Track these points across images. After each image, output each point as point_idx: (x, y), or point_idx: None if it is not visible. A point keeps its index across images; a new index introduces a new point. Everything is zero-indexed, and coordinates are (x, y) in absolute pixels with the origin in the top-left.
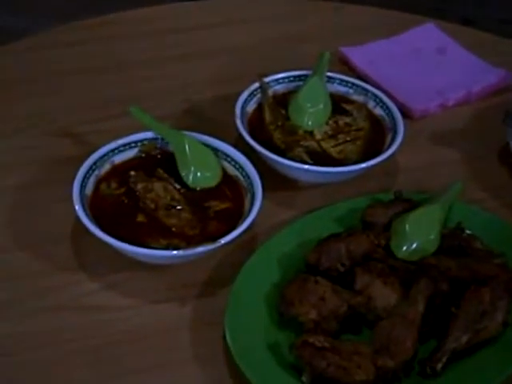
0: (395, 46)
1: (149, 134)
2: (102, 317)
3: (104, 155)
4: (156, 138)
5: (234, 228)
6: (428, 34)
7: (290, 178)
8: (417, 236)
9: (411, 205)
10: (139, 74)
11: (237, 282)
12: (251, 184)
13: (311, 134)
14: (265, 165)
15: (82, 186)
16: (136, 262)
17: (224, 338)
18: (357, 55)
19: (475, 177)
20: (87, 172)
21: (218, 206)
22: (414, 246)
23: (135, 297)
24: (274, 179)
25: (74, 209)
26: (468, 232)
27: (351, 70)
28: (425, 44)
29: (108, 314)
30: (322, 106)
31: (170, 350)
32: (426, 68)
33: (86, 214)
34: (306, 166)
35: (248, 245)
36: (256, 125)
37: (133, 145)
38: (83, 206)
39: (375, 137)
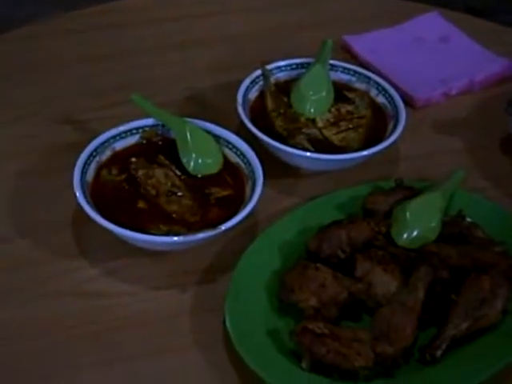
0: (398, 34)
1: (150, 121)
2: (103, 303)
3: (105, 141)
4: (157, 125)
5: (234, 215)
6: (431, 23)
7: (291, 166)
8: (417, 223)
9: (412, 192)
10: (140, 62)
11: (237, 269)
12: (252, 171)
13: (313, 121)
14: (266, 152)
15: (83, 173)
16: (137, 249)
17: (224, 324)
18: (359, 43)
19: (477, 166)
20: (88, 158)
21: (219, 192)
22: (415, 233)
23: (136, 283)
24: (275, 167)
25: (75, 196)
26: (469, 220)
27: (354, 59)
28: (428, 33)
29: (108, 300)
30: (324, 93)
31: (170, 336)
32: (429, 57)
33: (87, 201)
34: (308, 154)
35: (249, 232)
36: (258, 112)
37: (134, 131)
38: (84, 192)
39: (377, 125)
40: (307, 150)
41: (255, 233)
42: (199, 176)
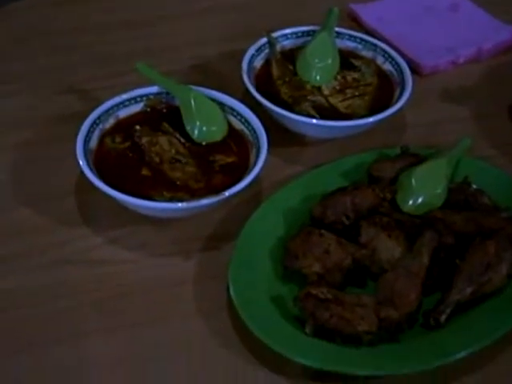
0: (406, 3)
1: (154, 89)
2: (106, 270)
3: (108, 109)
4: (161, 93)
5: (238, 181)
6: None
7: (296, 134)
8: (423, 190)
9: (418, 159)
10: (144, 32)
11: (241, 236)
12: (257, 138)
13: (319, 89)
14: (271, 120)
15: (86, 141)
16: (140, 216)
17: (228, 291)
18: (366, 12)
19: (484, 134)
20: (91, 126)
21: (224, 159)
22: (420, 200)
23: (139, 251)
24: (280, 135)
25: (78, 164)
26: (475, 187)
27: (360, 27)
28: (437, 1)
29: (112, 268)
30: (330, 61)
31: (174, 304)
32: (437, 25)
33: (90, 168)
34: (313, 121)
35: (253, 200)
36: (263, 80)
37: (138, 99)
38: (87, 160)
39: (383, 92)
40: (312, 117)
41: (259, 200)
42: (203, 143)
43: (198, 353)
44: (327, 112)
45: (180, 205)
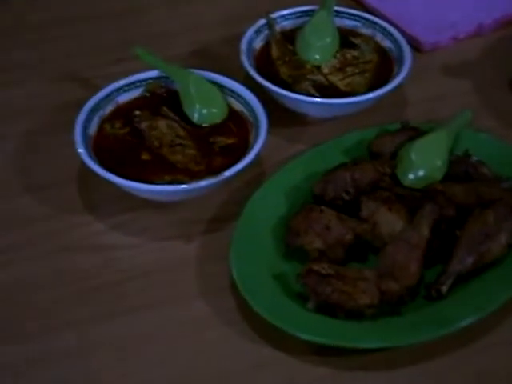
0: None
1: (153, 73)
2: (109, 256)
3: (107, 95)
4: (161, 77)
5: (239, 162)
6: None
7: (297, 113)
8: (423, 163)
9: (418, 133)
10: (143, 19)
11: (243, 215)
12: (256, 118)
13: (318, 68)
14: (273, 101)
15: (85, 127)
16: (142, 201)
17: (230, 270)
18: None
19: (486, 106)
20: (90, 113)
21: (224, 141)
22: (421, 173)
23: (142, 235)
24: (281, 115)
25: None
26: (475, 158)
27: (360, 6)
28: None
29: (115, 253)
30: (329, 39)
31: (177, 286)
32: (437, 1)
33: (90, 155)
34: (313, 99)
35: (255, 181)
36: (263, 61)
37: (137, 84)
38: (86, 147)
39: (383, 69)
40: (312, 95)
41: (261, 182)
42: (203, 126)
43: (202, 332)
44: (327, 90)
45: (180, 187)
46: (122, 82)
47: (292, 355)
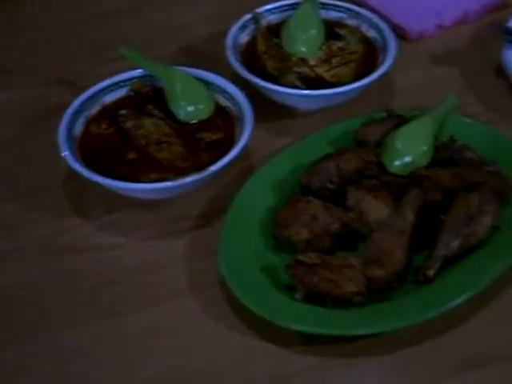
0: None
1: (138, 72)
2: (99, 257)
3: (92, 96)
4: (146, 76)
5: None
6: None
7: (285, 107)
8: (408, 149)
9: (403, 120)
10: (131, 18)
11: (231, 210)
12: (242, 112)
13: (305, 60)
14: (260, 95)
15: (70, 129)
16: (130, 200)
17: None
18: None
19: (472, 92)
20: (75, 114)
21: (209, 137)
22: (406, 159)
23: (131, 234)
24: (269, 108)
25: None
26: (460, 143)
27: None
28: None
29: (104, 254)
30: (314, 32)
31: (167, 283)
32: None
33: (75, 156)
34: (299, 91)
35: (243, 176)
36: (250, 56)
37: (122, 84)
38: (71, 147)
39: (369, 59)
40: (298, 88)
41: (249, 176)
42: (190, 123)
43: (192, 328)
44: (313, 82)
45: (166, 184)
46: (107, 82)
47: (281, 346)
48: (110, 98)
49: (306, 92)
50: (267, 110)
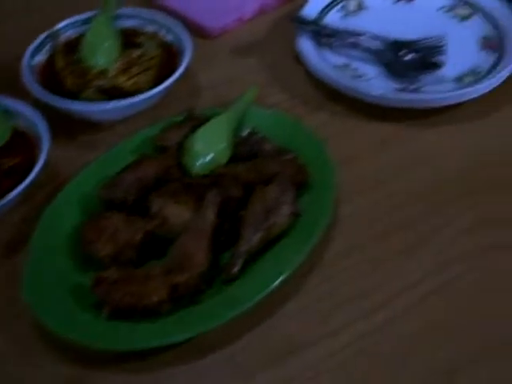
0: None
1: None
2: None
3: None
4: None
5: None
6: None
7: (89, 122)
8: (207, 149)
9: (201, 121)
10: None
11: (36, 232)
12: (39, 134)
13: (105, 72)
14: (62, 114)
15: None
16: None
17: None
18: None
19: (275, 82)
20: None
21: (7, 163)
22: (205, 159)
23: None
24: (74, 125)
25: None
26: (259, 135)
27: (149, 3)
28: None
29: None
30: (109, 43)
31: None
32: None
33: None
34: (93, 106)
35: (52, 196)
36: (48, 75)
37: None
38: None
39: (169, 63)
40: (97, 101)
41: None
42: None
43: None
44: (114, 93)
45: None
46: None
47: (92, 367)
48: None
49: (101, 106)
50: (72, 127)
